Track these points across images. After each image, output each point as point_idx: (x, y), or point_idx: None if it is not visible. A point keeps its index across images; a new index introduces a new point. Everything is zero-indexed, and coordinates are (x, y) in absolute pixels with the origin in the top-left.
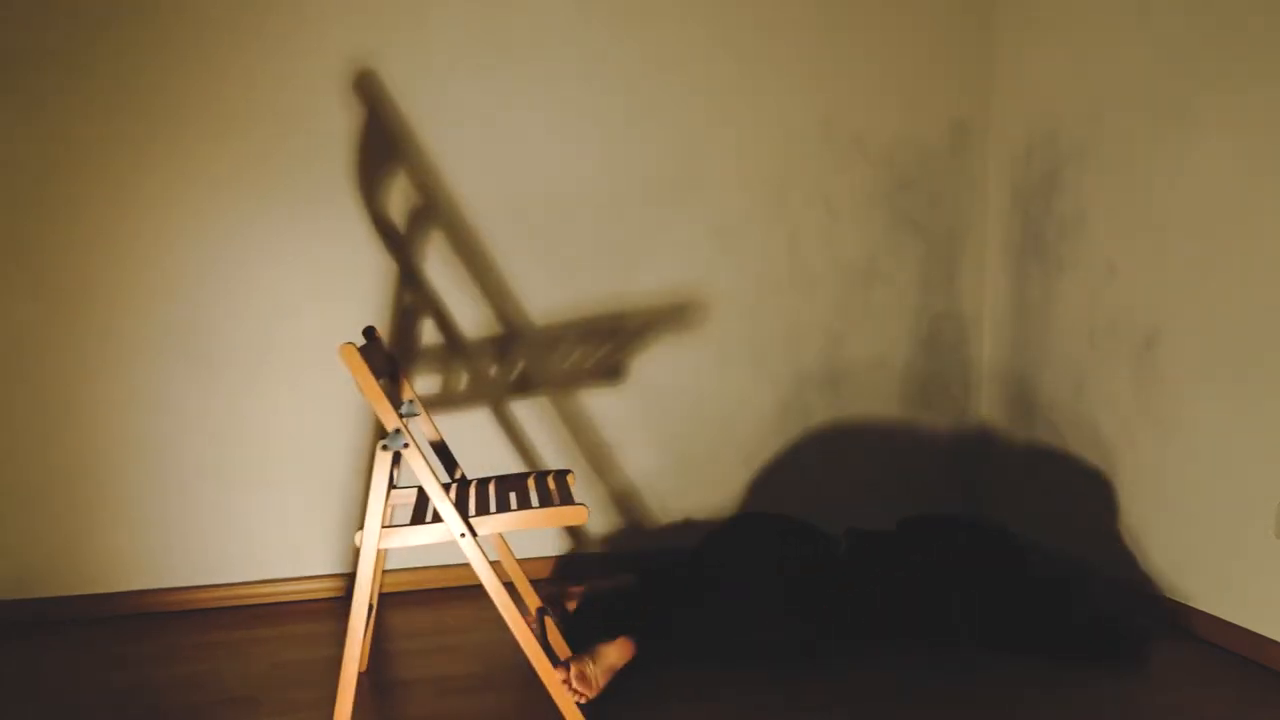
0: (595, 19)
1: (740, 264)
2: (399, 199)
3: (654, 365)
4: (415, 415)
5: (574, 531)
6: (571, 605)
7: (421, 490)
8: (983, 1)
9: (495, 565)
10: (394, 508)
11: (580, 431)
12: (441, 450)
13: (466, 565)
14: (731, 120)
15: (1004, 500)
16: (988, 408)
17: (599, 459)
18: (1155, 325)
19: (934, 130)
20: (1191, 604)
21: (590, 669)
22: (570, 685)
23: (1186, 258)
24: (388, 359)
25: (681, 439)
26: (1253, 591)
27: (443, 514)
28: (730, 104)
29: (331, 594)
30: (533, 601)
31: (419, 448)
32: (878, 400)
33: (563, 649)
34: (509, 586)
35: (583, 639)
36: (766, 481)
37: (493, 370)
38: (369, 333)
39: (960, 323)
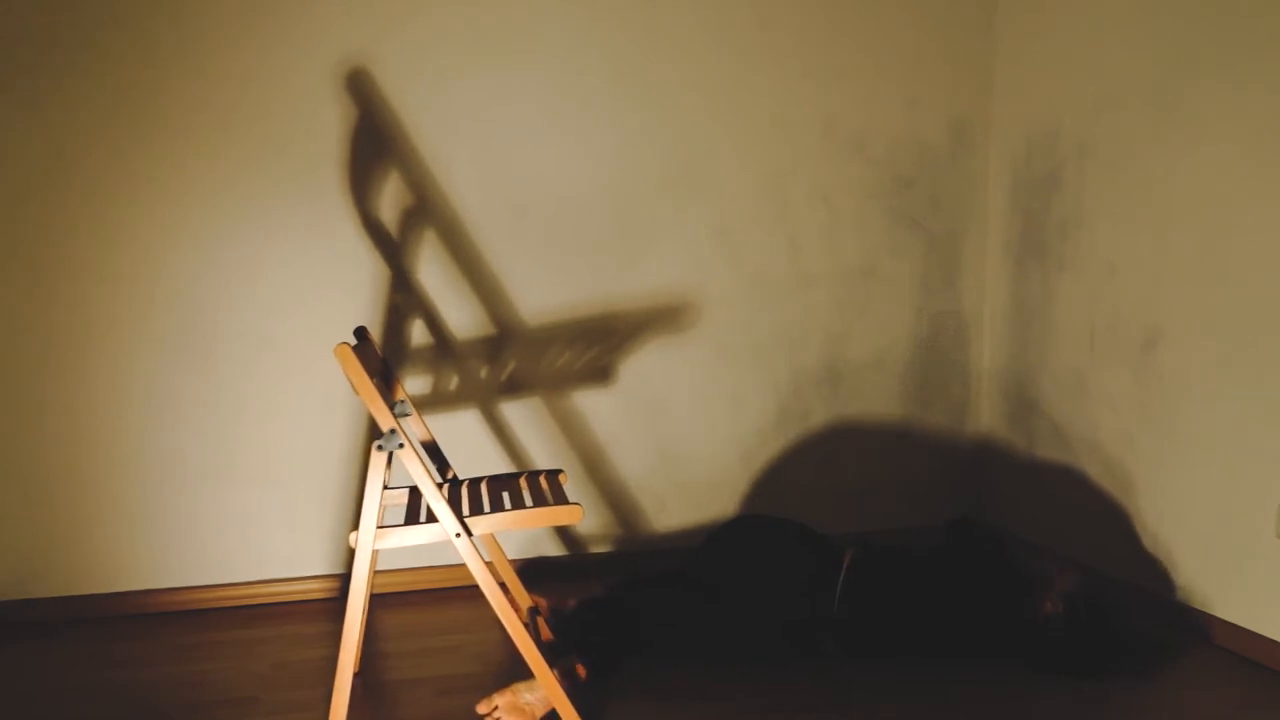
0: (592, 18)
1: (739, 263)
2: (393, 199)
3: (651, 365)
4: (407, 415)
5: (567, 533)
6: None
7: (414, 490)
8: (984, 1)
9: (488, 566)
10: (385, 508)
11: (574, 432)
12: (433, 450)
13: (460, 566)
14: (731, 119)
15: (1003, 500)
16: (988, 407)
17: (594, 460)
18: (1156, 325)
19: (934, 129)
20: (1195, 605)
21: (526, 698)
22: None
23: (1187, 257)
24: (380, 359)
25: (679, 439)
26: (1255, 592)
27: (438, 514)
28: (730, 103)
29: (328, 594)
30: (525, 601)
31: (414, 447)
32: (877, 400)
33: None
34: (502, 587)
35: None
36: (765, 482)
37: (484, 371)
38: (360, 333)
39: (960, 322)
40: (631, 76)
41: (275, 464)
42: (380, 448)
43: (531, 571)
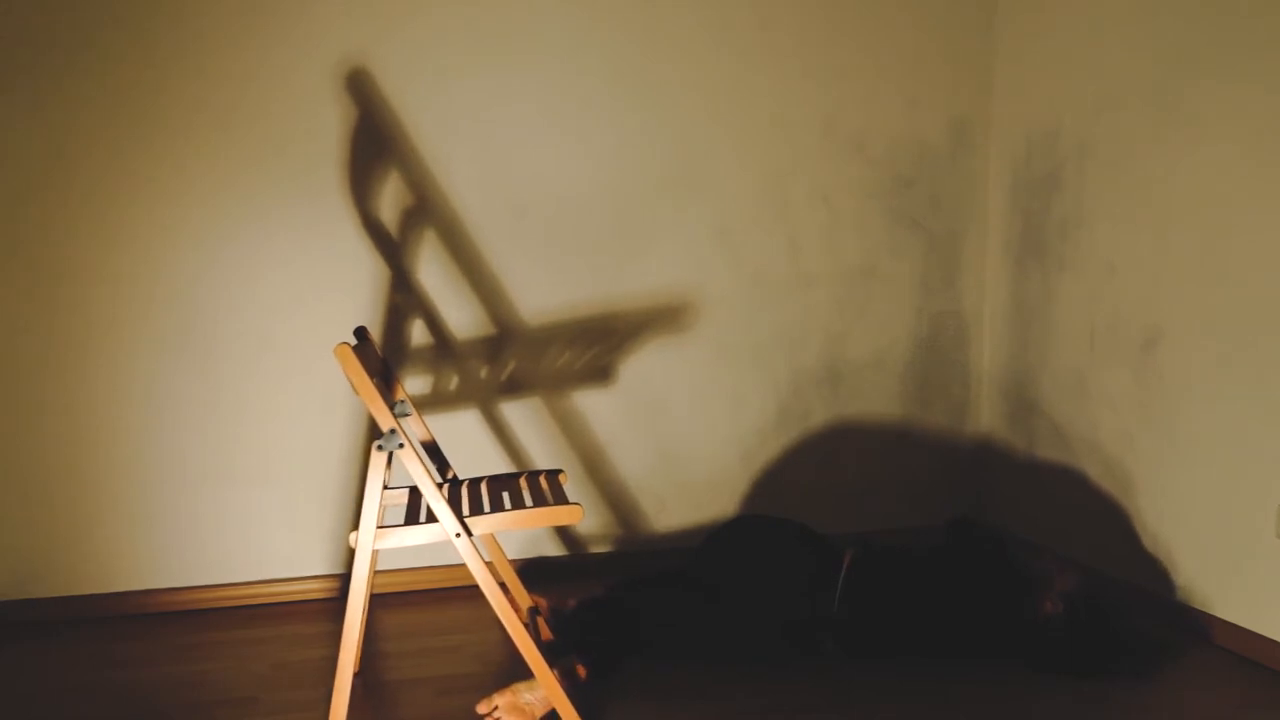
0: (592, 18)
1: (739, 263)
2: (393, 199)
3: (651, 365)
4: (407, 415)
5: (567, 533)
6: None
7: (414, 490)
8: (984, 1)
9: (488, 566)
10: (385, 508)
11: (574, 432)
12: (433, 450)
13: (460, 566)
14: (731, 119)
15: (1003, 500)
16: (988, 407)
17: (594, 460)
18: (1156, 325)
19: (934, 129)
20: (1195, 605)
21: (526, 697)
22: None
23: (1187, 257)
24: (380, 359)
25: (679, 439)
26: (1255, 592)
27: (438, 514)
28: (730, 103)
29: (328, 594)
30: (525, 601)
31: (414, 447)
32: (878, 400)
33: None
34: (502, 587)
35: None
36: (765, 482)
37: (484, 371)
38: (360, 333)
39: (960, 322)
40: (631, 76)
41: (275, 464)
42: (380, 448)
43: (531, 571)
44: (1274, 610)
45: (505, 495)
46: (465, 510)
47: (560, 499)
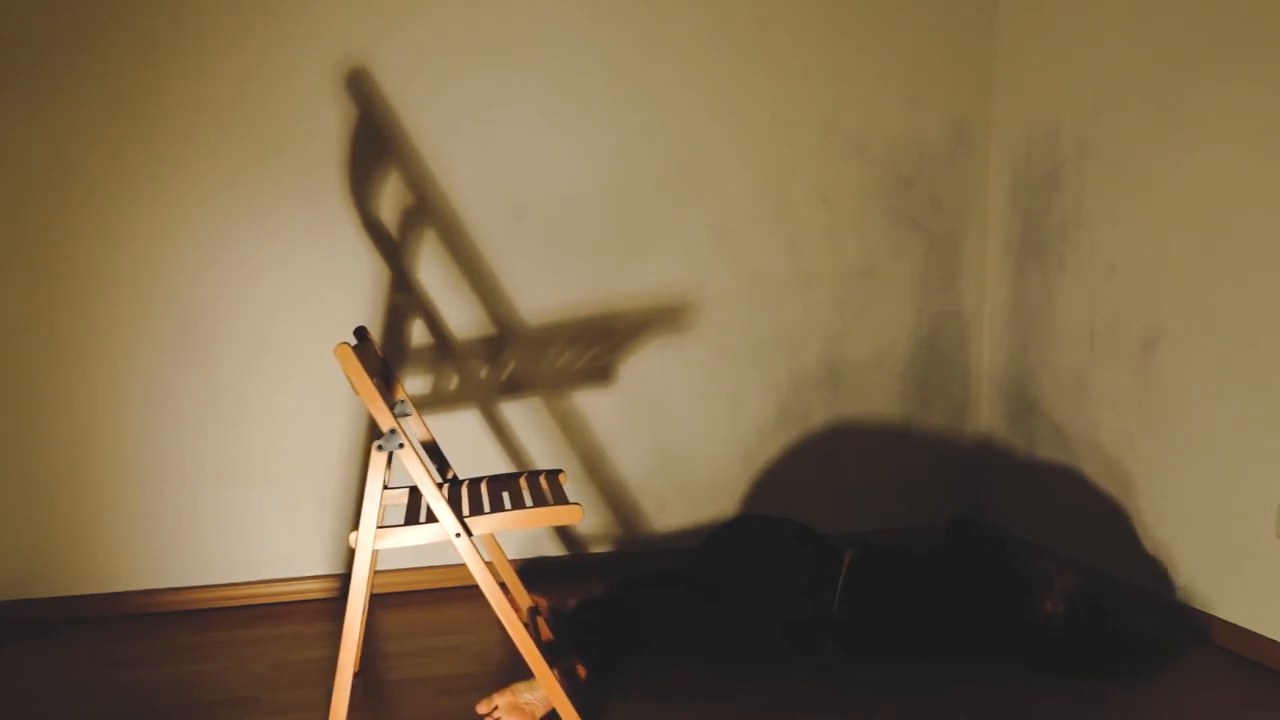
0: (592, 18)
1: (739, 263)
2: (393, 199)
3: (651, 365)
4: (407, 415)
5: (567, 533)
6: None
7: (414, 490)
8: (984, 1)
9: (488, 566)
10: (385, 508)
11: (574, 432)
12: (433, 450)
13: (460, 566)
14: (731, 119)
15: (1003, 500)
16: (988, 407)
17: (594, 460)
18: (1156, 325)
19: (934, 129)
20: (1195, 605)
21: (526, 697)
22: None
23: (1187, 257)
24: (380, 359)
25: (679, 439)
26: (1255, 592)
27: (438, 514)
28: (730, 103)
29: (328, 594)
30: (525, 601)
31: (414, 447)
32: (877, 400)
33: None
34: (502, 587)
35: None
36: (765, 482)
37: (484, 371)
38: (360, 333)
39: (960, 322)
40: (631, 76)
41: (275, 464)
42: (380, 448)
43: (531, 571)
44: (1274, 610)
45: (505, 495)
46: (465, 510)
47: (560, 499)
